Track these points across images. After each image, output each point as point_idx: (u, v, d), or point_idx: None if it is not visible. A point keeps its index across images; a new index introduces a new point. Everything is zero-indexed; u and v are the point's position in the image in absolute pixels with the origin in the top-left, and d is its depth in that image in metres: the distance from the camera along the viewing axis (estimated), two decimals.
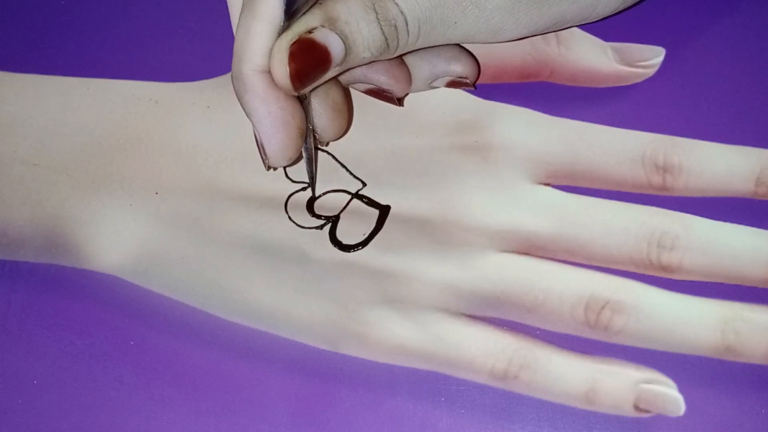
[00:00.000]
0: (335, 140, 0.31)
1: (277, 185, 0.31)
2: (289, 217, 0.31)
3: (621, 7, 0.30)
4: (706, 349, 0.28)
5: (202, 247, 0.31)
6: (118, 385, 0.29)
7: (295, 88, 0.27)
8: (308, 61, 0.26)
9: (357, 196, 0.31)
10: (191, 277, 0.30)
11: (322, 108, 0.29)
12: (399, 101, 0.31)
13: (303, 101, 0.28)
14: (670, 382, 0.28)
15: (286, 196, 0.31)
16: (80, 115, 0.33)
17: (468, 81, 0.31)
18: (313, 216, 0.31)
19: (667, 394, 0.28)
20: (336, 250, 0.30)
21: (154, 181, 0.32)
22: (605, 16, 0.30)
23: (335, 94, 0.30)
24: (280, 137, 0.28)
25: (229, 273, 0.30)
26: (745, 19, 0.33)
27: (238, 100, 0.28)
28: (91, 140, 0.33)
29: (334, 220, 0.31)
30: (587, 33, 0.33)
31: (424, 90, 0.32)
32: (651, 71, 0.33)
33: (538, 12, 0.28)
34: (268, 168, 0.29)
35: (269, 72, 0.27)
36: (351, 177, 0.31)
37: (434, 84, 0.31)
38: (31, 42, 0.35)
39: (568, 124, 0.32)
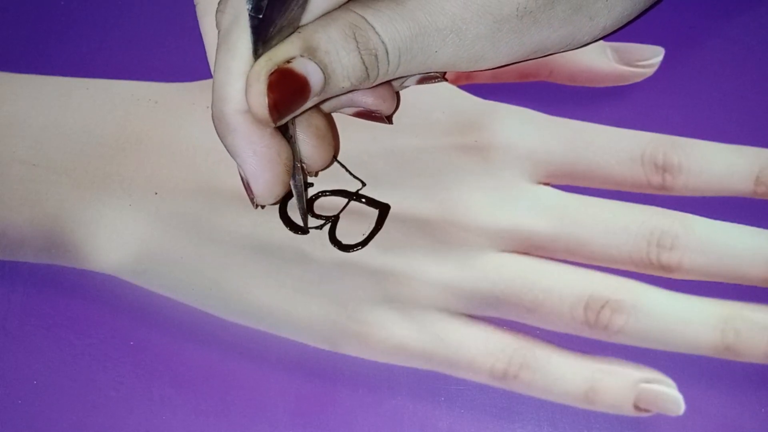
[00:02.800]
0: (323, 169, 0.31)
1: None
2: (289, 217, 0.31)
3: (601, 35, 0.30)
4: (705, 349, 0.28)
5: (202, 247, 0.31)
6: (118, 385, 0.29)
7: (273, 120, 0.26)
8: (287, 92, 0.26)
9: (357, 195, 0.31)
10: (191, 277, 0.30)
11: (305, 135, 0.29)
12: (388, 119, 0.31)
13: (289, 139, 0.28)
14: (670, 381, 0.28)
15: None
16: (80, 115, 0.33)
17: (438, 76, 0.31)
18: (312, 216, 0.31)
19: (667, 393, 0.28)
20: (336, 250, 0.30)
21: (154, 182, 0.32)
22: (586, 43, 0.30)
23: (317, 120, 0.29)
24: (267, 176, 0.27)
25: (228, 273, 0.30)
26: (745, 19, 0.33)
27: (221, 140, 0.27)
28: (91, 140, 0.33)
29: (333, 220, 0.31)
30: None
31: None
32: (650, 71, 0.33)
33: (519, 41, 0.28)
34: (256, 206, 0.29)
35: None
36: (351, 177, 0.31)
37: (406, 84, 0.31)
38: (31, 42, 0.35)
39: (568, 123, 0.32)
